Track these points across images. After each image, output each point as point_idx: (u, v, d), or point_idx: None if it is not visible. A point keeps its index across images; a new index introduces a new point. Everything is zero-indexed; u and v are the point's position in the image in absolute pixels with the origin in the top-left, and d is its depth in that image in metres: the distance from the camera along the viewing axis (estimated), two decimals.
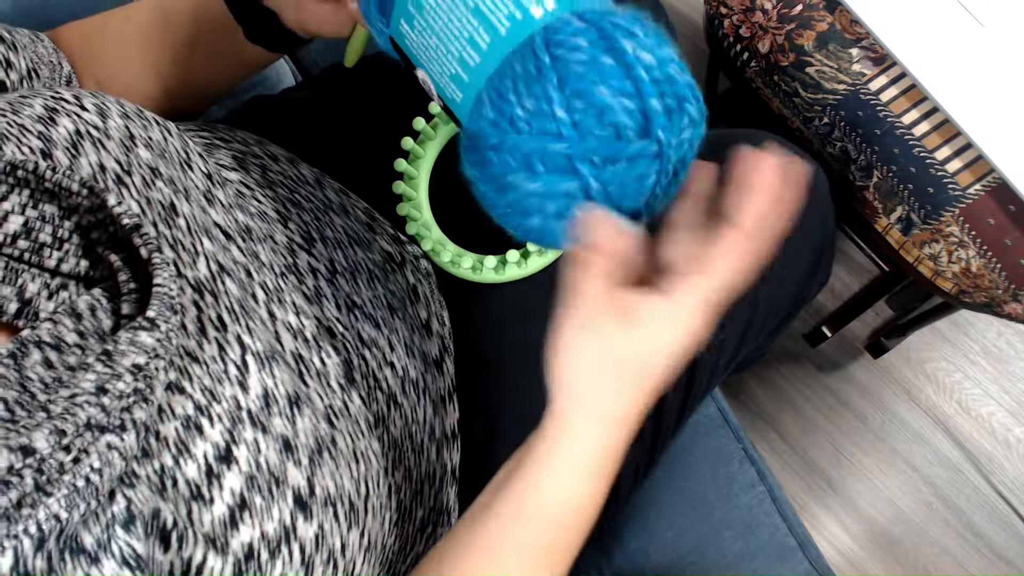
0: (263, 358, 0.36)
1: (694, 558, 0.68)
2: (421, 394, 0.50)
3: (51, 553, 0.26)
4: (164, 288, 0.31)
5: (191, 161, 0.41)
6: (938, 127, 0.73)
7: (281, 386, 0.36)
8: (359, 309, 0.47)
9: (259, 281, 0.40)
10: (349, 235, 0.52)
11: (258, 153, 0.52)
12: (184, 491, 0.31)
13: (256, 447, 0.34)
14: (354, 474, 0.37)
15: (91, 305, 0.32)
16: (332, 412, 0.38)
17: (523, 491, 0.35)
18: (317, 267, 0.46)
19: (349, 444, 0.38)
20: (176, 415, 0.32)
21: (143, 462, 0.30)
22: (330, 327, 0.44)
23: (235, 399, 0.34)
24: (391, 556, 0.46)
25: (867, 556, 1.14)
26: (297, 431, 0.35)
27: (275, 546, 0.33)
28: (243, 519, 0.32)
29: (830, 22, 0.77)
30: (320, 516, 0.34)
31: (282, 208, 0.48)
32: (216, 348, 0.35)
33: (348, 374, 0.42)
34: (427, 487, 0.50)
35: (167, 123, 0.41)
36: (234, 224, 0.41)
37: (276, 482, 0.33)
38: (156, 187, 0.37)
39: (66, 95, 0.36)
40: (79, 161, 0.34)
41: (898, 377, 1.22)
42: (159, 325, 0.30)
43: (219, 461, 0.32)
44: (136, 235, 0.31)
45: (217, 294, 0.36)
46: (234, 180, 0.48)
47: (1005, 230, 0.71)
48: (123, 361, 0.29)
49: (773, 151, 0.33)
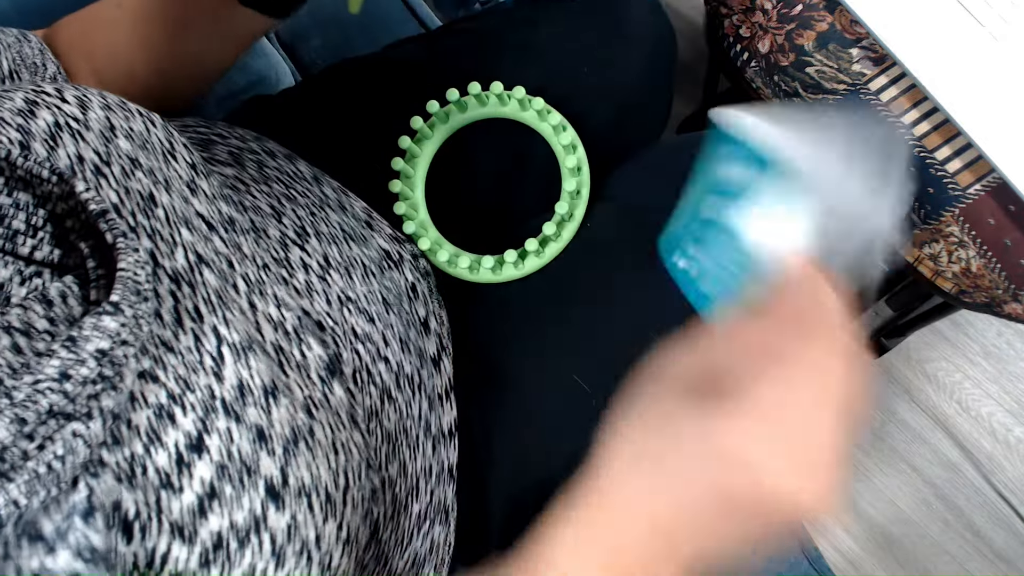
0: (239, 349, 0.36)
1: None
2: (417, 389, 0.50)
3: (8, 539, 0.26)
4: (128, 272, 0.31)
5: (175, 151, 0.41)
6: (938, 127, 0.73)
7: (257, 376, 0.36)
8: (353, 304, 0.47)
9: (240, 272, 0.40)
10: (345, 231, 0.52)
11: (255, 149, 0.53)
12: (153, 479, 0.31)
13: (229, 436, 0.34)
14: (332, 465, 0.37)
15: (62, 292, 0.32)
16: (312, 403, 0.38)
17: None
18: (309, 262, 0.46)
19: (328, 435, 0.38)
20: (149, 403, 0.32)
21: (113, 449, 0.30)
22: (320, 321, 0.44)
23: (209, 388, 0.34)
24: (386, 551, 0.46)
25: (867, 556, 1.14)
26: (272, 421, 0.35)
27: (244, 535, 0.33)
28: (212, 508, 0.32)
29: (830, 22, 0.77)
30: (293, 507, 0.34)
31: (276, 203, 0.48)
32: (192, 338, 0.35)
33: (332, 367, 0.42)
34: (423, 482, 0.50)
35: (151, 114, 0.41)
36: (217, 215, 0.41)
37: (248, 471, 0.33)
38: (135, 177, 0.37)
39: (48, 88, 0.37)
40: (57, 152, 0.34)
41: (898, 377, 1.22)
42: (123, 309, 0.30)
43: (190, 450, 0.32)
44: (102, 220, 0.31)
45: (195, 284, 0.36)
46: (229, 175, 0.48)
47: (1005, 230, 0.71)
48: (87, 346, 0.28)
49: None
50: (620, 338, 0.58)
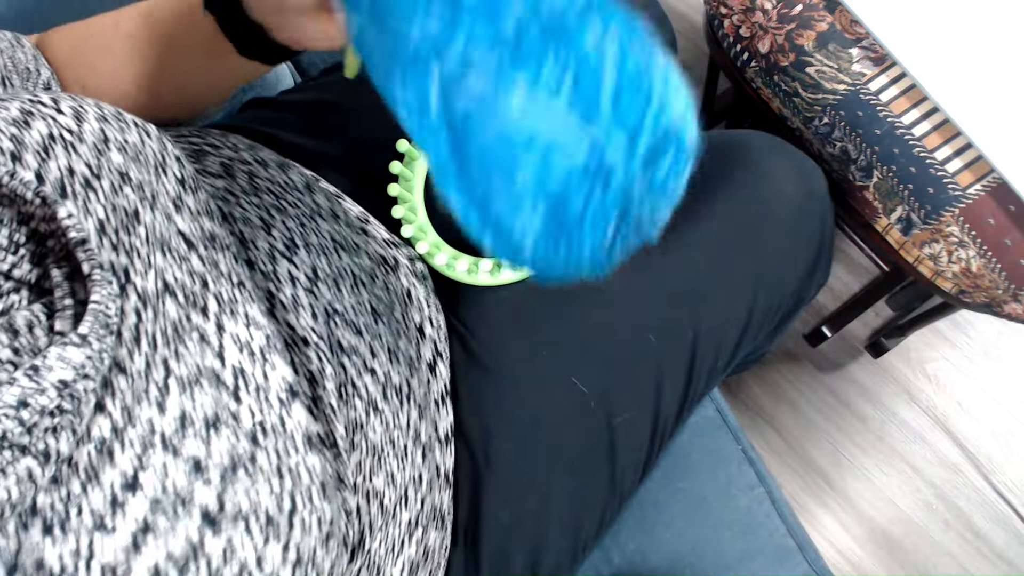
0: (186, 382, 0.36)
1: (692, 559, 0.68)
2: (405, 399, 0.50)
3: None
4: (101, 306, 0.30)
5: (166, 165, 0.41)
6: (938, 127, 0.73)
7: (200, 409, 0.35)
8: (340, 316, 0.47)
9: (214, 292, 0.40)
10: (336, 240, 0.51)
11: (247, 159, 0.52)
12: (88, 522, 0.30)
13: (164, 471, 0.33)
14: (275, 489, 0.37)
15: (29, 322, 0.31)
16: (261, 429, 0.38)
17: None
18: (297, 275, 0.46)
19: (272, 461, 0.37)
20: (91, 437, 0.31)
21: (50, 491, 0.30)
22: (305, 337, 0.44)
23: (150, 422, 0.33)
24: (377, 560, 0.46)
25: (867, 556, 1.14)
26: (211, 451, 0.35)
27: (183, 564, 0.32)
28: (146, 542, 0.31)
29: (830, 22, 0.77)
30: (229, 530, 0.34)
31: (266, 215, 0.48)
32: (144, 363, 0.34)
33: (294, 389, 0.41)
34: (412, 490, 0.50)
35: (147, 125, 0.40)
36: (199, 232, 0.41)
37: (182, 502, 0.33)
38: (123, 193, 0.36)
39: (44, 98, 0.36)
40: (48, 164, 0.34)
41: (898, 377, 1.22)
42: (91, 342, 0.29)
43: (125, 489, 0.32)
44: (80, 249, 0.31)
45: (157, 312, 0.36)
46: (219, 187, 0.48)
47: (1005, 230, 0.71)
48: (49, 376, 0.28)
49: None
50: (618, 339, 0.58)
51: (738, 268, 0.60)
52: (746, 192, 0.60)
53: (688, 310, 0.59)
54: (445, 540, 0.55)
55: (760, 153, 0.62)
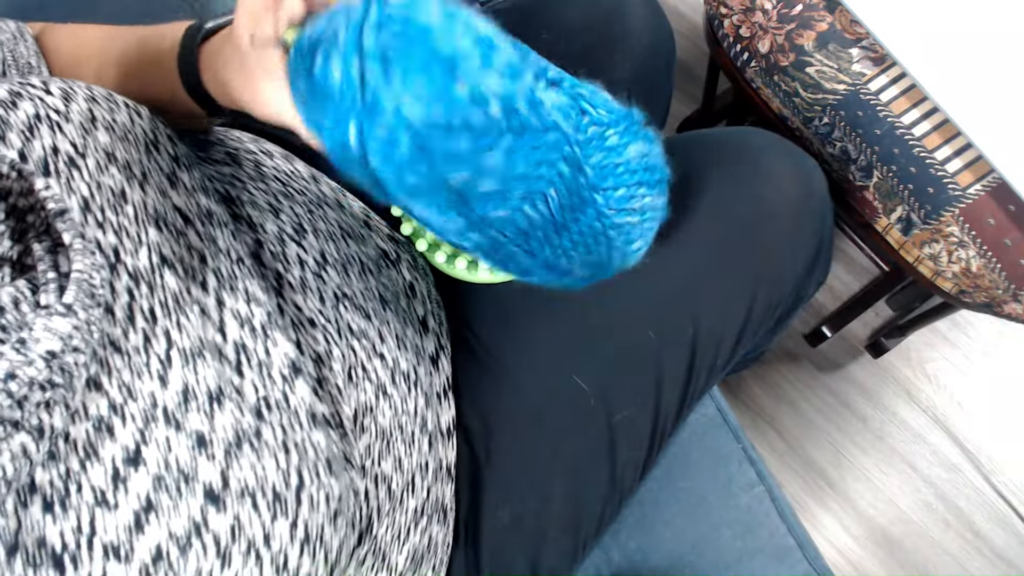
0: (188, 354, 0.36)
1: (693, 558, 0.68)
2: (413, 386, 0.50)
3: None
4: (84, 275, 0.30)
5: (158, 143, 0.40)
6: (938, 127, 0.73)
7: (203, 382, 0.35)
8: (348, 300, 0.47)
9: (213, 267, 0.40)
10: (343, 228, 0.51)
11: (252, 149, 0.52)
12: (88, 498, 0.30)
13: (167, 446, 0.33)
14: (281, 464, 0.36)
15: (14, 298, 0.31)
16: (265, 404, 0.38)
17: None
18: (305, 259, 0.46)
19: (278, 436, 0.37)
20: (89, 415, 0.31)
21: (48, 466, 0.30)
22: (312, 318, 0.44)
23: (152, 396, 0.33)
24: (383, 546, 0.46)
25: (867, 556, 1.14)
26: (215, 426, 0.35)
27: (185, 542, 0.32)
28: (149, 521, 0.31)
29: (830, 22, 0.77)
30: (235, 507, 0.34)
31: (274, 200, 0.48)
32: (142, 339, 0.34)
33: (297, 365, 0.41)
34: (419, 478, 0.50)
35: (139, 106, 0.40)
36: (195, 208, 0.41)
37: (185, 479, 0.33)
38: (109, 172, 0.36)
39: (34, 80, 0.36)
40: (32, 144, 0.34)
41: (898, 377, 1.22)
42: (76, 311, 0.29)
43: (127, 464, 0.32)
44: (60, 220, 0.31)
45: (153, 286, 0.36)
46: (226, 173, 0.48)
47: (1005, 230, 0.71)
48: (36, 347, 0.28)
49: None
50: (618, 337, 0.58)
51: (737, 265, 0.60)
52: (745, 189, 0.61)
53: (688, 307, 0.59)
54: (448, 536, 0.55)
55: (759, 150, 0.62)
